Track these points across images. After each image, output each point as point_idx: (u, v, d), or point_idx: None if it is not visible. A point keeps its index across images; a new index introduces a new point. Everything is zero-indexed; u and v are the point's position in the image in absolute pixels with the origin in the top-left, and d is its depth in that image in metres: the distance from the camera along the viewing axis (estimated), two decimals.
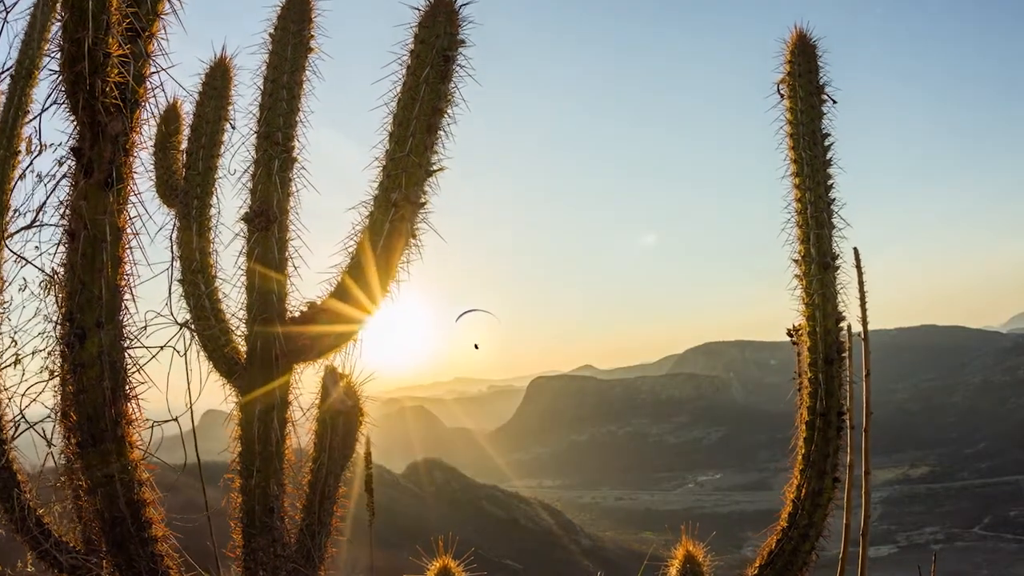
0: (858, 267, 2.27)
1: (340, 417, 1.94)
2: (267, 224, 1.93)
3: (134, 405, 1.69)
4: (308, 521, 2.00)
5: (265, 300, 1.96)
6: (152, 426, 2.05)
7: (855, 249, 2.24)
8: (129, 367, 1.66)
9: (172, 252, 2.29)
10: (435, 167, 1.71)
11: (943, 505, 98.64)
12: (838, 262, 2.11)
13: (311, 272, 1.99)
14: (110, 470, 1.59)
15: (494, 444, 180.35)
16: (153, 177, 2.40)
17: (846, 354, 2.17)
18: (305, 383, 2.15)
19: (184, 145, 2.34)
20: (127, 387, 1.65)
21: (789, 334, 2.55)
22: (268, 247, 1.94)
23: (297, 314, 2.00)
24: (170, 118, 2.42)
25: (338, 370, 2.02)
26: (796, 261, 2.15)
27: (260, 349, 1.96)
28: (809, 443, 2.19)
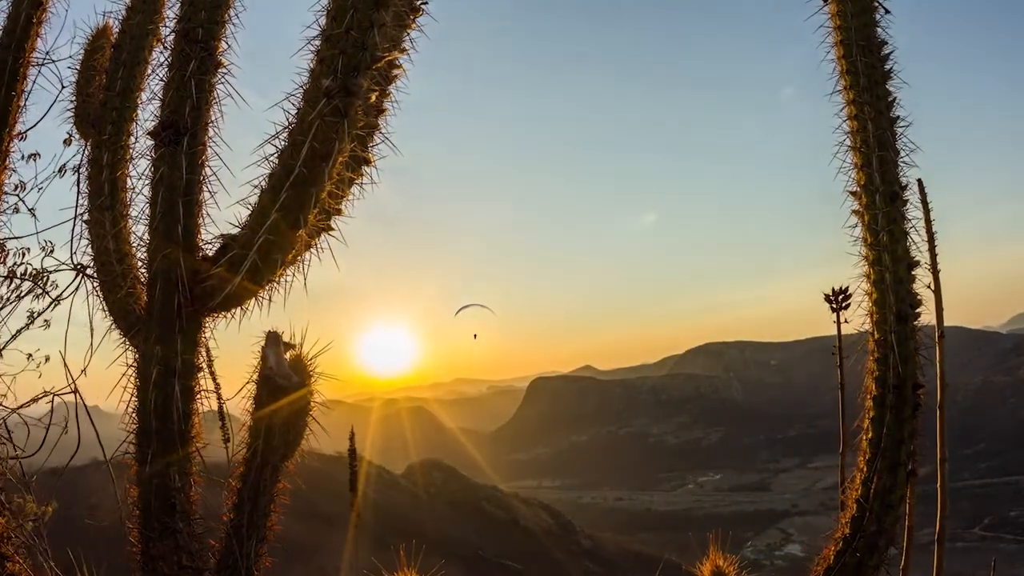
0: (924, 203, 1.84)
1: (281, 394, 1.55)
2: (176, 137, 1.54)
3: None
4: (236, 523, 1.61)
5: (167, 233, 1.56)
6: (52, 396, 1.70)
7: (919, 181, 1.82)
8: None
9: (79, 187, 1.93)
10: (384, 52, 1.31)
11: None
12: (906, 194, 1.71)
13: (236, 200, 1.56)
14: None
15: (494, 445, 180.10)
16: (72, 107, 2.04)
17: (921, 311, 1.75)
18: (239, 348, 1.71)
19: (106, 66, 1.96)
20: None
21: (828, 299, 2.15)
22: (176, 166, 1.55)
23: (210, 251, 1.59)
24: (96, 39, 2.05)
25: (282, 336, 1.62)
26: (854, 193, 1.75)
27: (160, 296, 1.57)
28: (878, 425, 1.78)
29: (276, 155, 1.43)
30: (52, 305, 1.81)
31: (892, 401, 1.74)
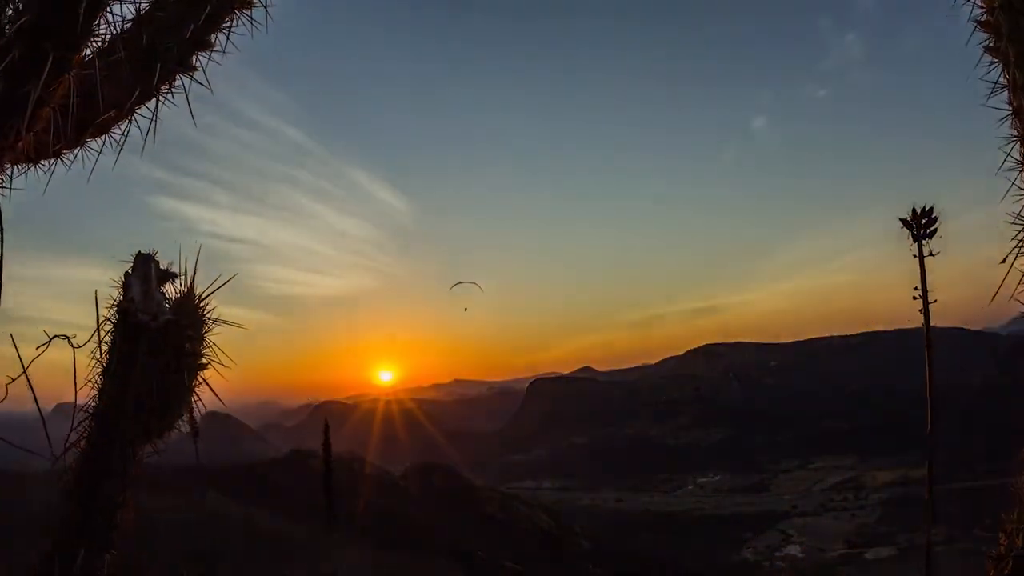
0: None
1: (145, 337, 1.07)
2: None
3: None
4: (65, 521, 1.11)
5: None
6: None
7: None
8: None
9: None
10: None
11: (943, 507, 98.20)
12: None
13: None
14: None
15: (494, 446, 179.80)
16: None
17: None
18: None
19: None
20: None
21: (907, 224, 1.72)
22: None
23: None
24: None
25: (156, 258, 1.13)
26: (985, 23, 1.14)
27: None
28: None
29: None
30: None
31: None
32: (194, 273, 1.12)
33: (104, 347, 1.11)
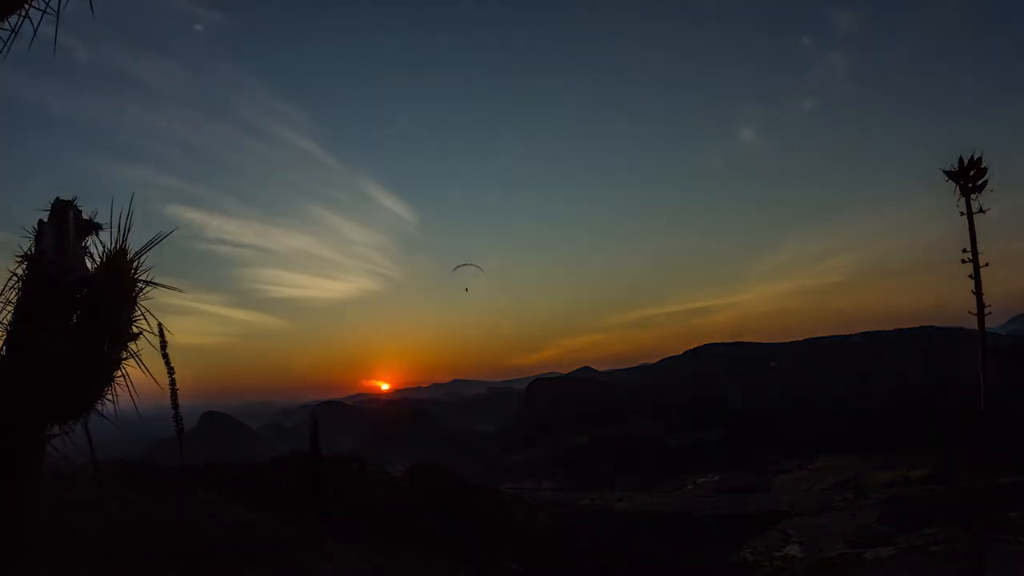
0: None
1: (55, 296, 0.85)
2: None
3: None
4: None
5: None
6: None
7: None
8: None
9: None
10: None
11: (942, 507, 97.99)
12: None
13: None
14: None
15: (493, 446, 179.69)
16: None
17: None
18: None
19: None
20: None
21: (953, 176, 1.88)
22: None
23: None
24: None
25: (76, 206, 0.91)
26: None
27: None
28: None
29: None
30: None
31: None
32: (127, 227, 0.88)
33: (11, 308, 0.88)
